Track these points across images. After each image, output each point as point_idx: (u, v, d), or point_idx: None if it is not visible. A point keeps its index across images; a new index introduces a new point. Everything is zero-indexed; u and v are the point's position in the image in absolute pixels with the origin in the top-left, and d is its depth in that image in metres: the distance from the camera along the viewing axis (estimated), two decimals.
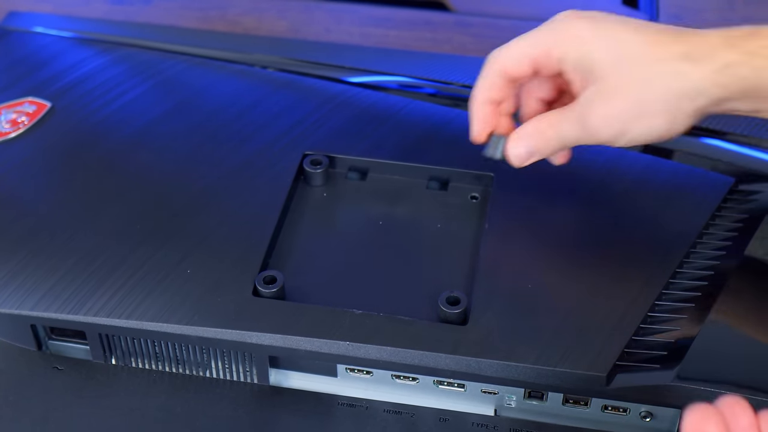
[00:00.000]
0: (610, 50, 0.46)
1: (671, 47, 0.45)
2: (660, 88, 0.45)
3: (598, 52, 0.46)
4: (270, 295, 0.49)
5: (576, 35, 0.47)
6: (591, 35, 0.46)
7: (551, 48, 0.47)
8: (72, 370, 0.50)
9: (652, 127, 0.46)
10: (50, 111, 0.62)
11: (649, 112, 0.45)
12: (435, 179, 0.56)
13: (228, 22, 0.81)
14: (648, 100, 0.45)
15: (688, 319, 0.48)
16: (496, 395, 0.49)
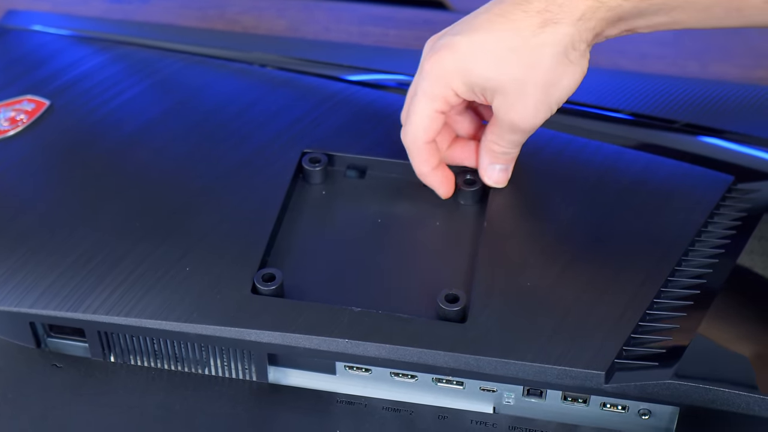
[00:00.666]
0: (487, 63, 0.49)
1: (530, 23, 0.48)
2: (544, 61, 0.48)
3: (478, 73, 0.49)
4: (269, 293, 0.49)
5: (447, 73, 0.50)
6: (458, 66, 0.50)
7: (443, 97, 0.51)
8: (71, 368, 0.50)
9: (567, 86, 0.49)
10: (49, 109, 0.62)
11: (553, 81, 0.49)
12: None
13: (227, 20, 0.81)
14: (543, 78, 0.48)
15: (686, 318, 0.48)
16: (494, 393, 0.49)
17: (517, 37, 0.48)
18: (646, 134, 0.61)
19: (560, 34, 0.47)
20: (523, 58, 0.48)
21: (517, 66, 0.48)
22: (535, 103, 0.49)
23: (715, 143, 0.61)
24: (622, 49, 0.77)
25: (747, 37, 0.79)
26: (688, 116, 0.63)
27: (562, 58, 0.48)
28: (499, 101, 0.50)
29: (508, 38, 0.48)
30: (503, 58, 0.48)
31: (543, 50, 0.48)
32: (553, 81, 0.49)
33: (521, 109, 0.50)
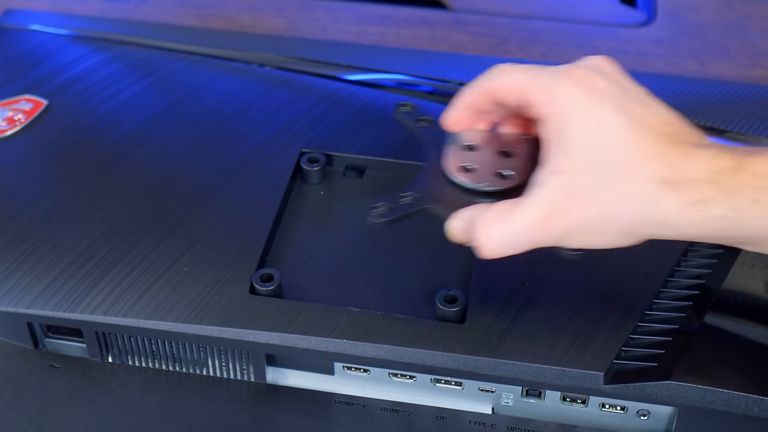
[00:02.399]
0: (592, 144, 0.42)
1: (655, 165, 0.41)
2: (629, 209, 0.42)
3: (579, 140, 0.42)
4: (267, 293, 0.49)
5: (566, 108, 0.43)
6: (581, 114, 0.42)
7: (539, 105, 0.44)
8: (68, 368, 0.50)
9: (600, 242, 0.43)
10: (47, 109, 0.61)
11: (609, 230, 0.42)
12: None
13: (224, 19, 0.81)
14: (613, 218, 0.42)
15: (685, 318, 0.48)
16: (493, 393, 0.49)
17: (634, 160, 0.41)
18: None
19: (669, 207, 0.41)
20: (619, 182, 0.41)
21: (610, 181, 0.42)
22: (576, 225, 0.42)
23: (714, 141, 0.61)
24: (621, 48, 0.77)
25: (746, 36, 0.78)
26: (687, 115, 0.62)
27: (637, 225, 0.42)
28: (557, 184, 0.42)
29: (630, 151, 0.41)
30: (607, 159, 0.42)
31: (635, 197, 0.41)
32: (607, 231, 0.42)
33: (568, 214, 0.42)
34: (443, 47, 0.77)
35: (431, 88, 0.65)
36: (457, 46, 0.76)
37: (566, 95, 0.43)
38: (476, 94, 0.47)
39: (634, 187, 0.41)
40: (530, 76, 0.44)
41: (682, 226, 0.41)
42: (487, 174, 0.47)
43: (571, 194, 0.42)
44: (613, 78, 0.44)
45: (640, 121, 0.42)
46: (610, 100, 0.42)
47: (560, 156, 0.42)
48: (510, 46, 0.77)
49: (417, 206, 0.46)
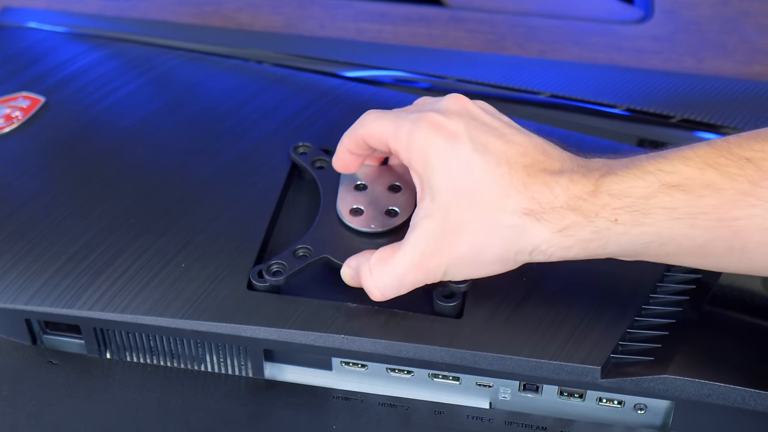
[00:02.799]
0: (454, 187, 0.44)
1: (517, 198, 0.43)
2: (499, 242, 0.44)
3: (442, 184, 0.44)
4: (264, 289, 0.49)
5: (424, 155, 0.45)
6: (438, 160, 0.44)
7: (401, 153, 0.46)
8: (67, 365, 0.50)
9: (480, 272, 0.45)
10: (44, 106, 0.62)
11: (484, 261, 0.45)
12: None
13: (222, 17, 0.81)
14: (485, 252, 0.44)
15: (682, 312, 0.48)
16: (491, 388, 0.49)
17: (497, 196, 0.43)
18: (642, 129, 0.61)
19: (537, 236, 0.43)
20: (487, 218, 0.44)
21: (478, 218, 0.44)
22: (451, 261, 0.45)
23: (711, 138, 0.61)
24: (619, 45, 0.77)
25: (743, 32, 0.79)
26: (684, 111, 0.63)
27: (510, 254, 0.44)
28: (428, 225, 0.45)
29: (492, 188, 0.43)
30: (473, 198, 0.44)
31: (503, 231, 0.44)
32: (482, 262, 0.45)
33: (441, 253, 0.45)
34: (441, 44, 0.77)
35: (429, 85, 0.65)
36: (455, 43, 0.76)
37: (423, 143, 0.45)
38: (352, 142, 0.50)
39: (501, 221, 0.43)
40: (392, 125, 0.47)
41: (555, 252, 0.44)
42: (375, 214, 0.51)
43: (443, 234, 0.44)
44: (470, 117, 0.46)
45: (498, 158, 0.44)
46: (467, 141, 0.44)
47: (428, 200, 0.45)
48: (507, 43, 0.77)
49: (312, 258, 0.49)
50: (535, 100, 0.63)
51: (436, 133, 0.45)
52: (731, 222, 0.41)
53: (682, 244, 0.42)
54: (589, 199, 0.42)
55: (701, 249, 0.42)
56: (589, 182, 0.43)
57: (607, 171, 0.43)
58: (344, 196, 0.52)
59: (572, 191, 0.43)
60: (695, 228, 0.41)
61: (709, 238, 0.41)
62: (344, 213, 0.51)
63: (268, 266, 0.49)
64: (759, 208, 0.40)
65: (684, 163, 0.42)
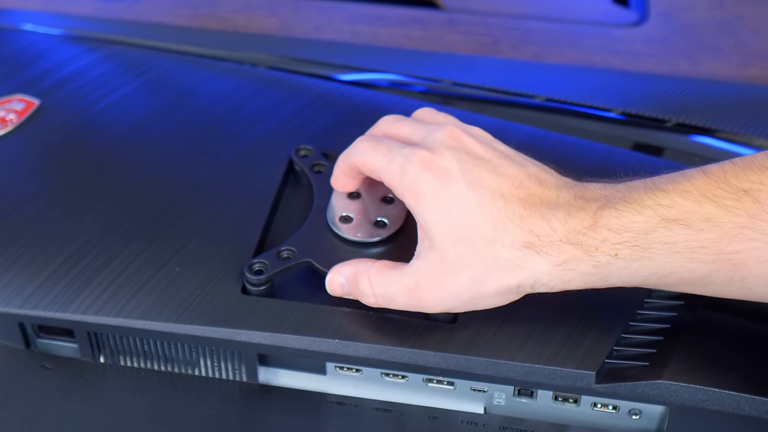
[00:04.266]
0: (450, 224, 0.44)
1: (514, 232, 0.43)
2: (500, 275, 0.43)
3: (437, 221, 0.44)
4: (259, 293, 0.49)
5: (416, 193, 0.45)
6: (431, 199, 0.44)
7: (394, 187, 0.46)
8: (60, 369, 0.50)
9: (483, 305, 0.45)
10: (39, 109, 0.61)
11: (484, 295, 0.44)
12: None
13: (218, 19, 0.81)
14: (485, 287, 0.44)
15: (677, 317, 0.48)
16: (485, 393, 0.49)
17: (495, 230, 0.43)
18: (637, 133, 0.61)
19: (537, 269, 0.43)
20: (485, 253, 0.43)
21: (475, 253, 0.43)
22: (451, 297, 0.44)
23: (707, 142, 0.61)
24: (614, 48, 0.77)
25: (738, 35, 0.79)
26: (679, 116, 0.63)
27: (512, 287, 0.44)
28: (427, 261, 0.45)
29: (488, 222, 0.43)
30: (468, 234, 0.43)
31: (503, 263, 0.43)
32: (482, 297, 0.44)
33: (439, 288, 0.44)
34: (436, 47, 0.77)
35: (424, 88, 0.65)
36: (450, 46, 0.76)
37: (415, 181, 0.45)
38: (347, 167, 0.50)
39: (500, 254, 0.43)
40: (384, 159, 0.47)
41: (557, 284, 0.44)
42: (364, 223, 0.51)
43: (442, 269, 0.44)
44: (463, 152, 0.45)
45: (493, 192, 0.44)
46: (460, 178, 0.44)
47: (425, 234, 0.45)
48: (502, 46, 0.77)
49: (295, 261, 0.49)
50: (530, 103, 0.63)
51: (428, 171, 0.44)
52: (731, 255, 0.41)
53: (683, 276, 0.42)
54: (588, 234, 0.42)
55: (701, 280, 0.42)
56: (587, 215, 0.43)
57: (605, 203, 0.43)
58: (336, 203, 0.52)
59: (570, 225, 0.43)
60: (695, 261, 0.41)
61: (709, 271, 0.42)
62: (333, 219, 0.51)
63: (250, 265, 0.49)
64: (758, 242, 0.40)
65: (682, 197, 0.41)
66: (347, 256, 0.49)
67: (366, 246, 0.50)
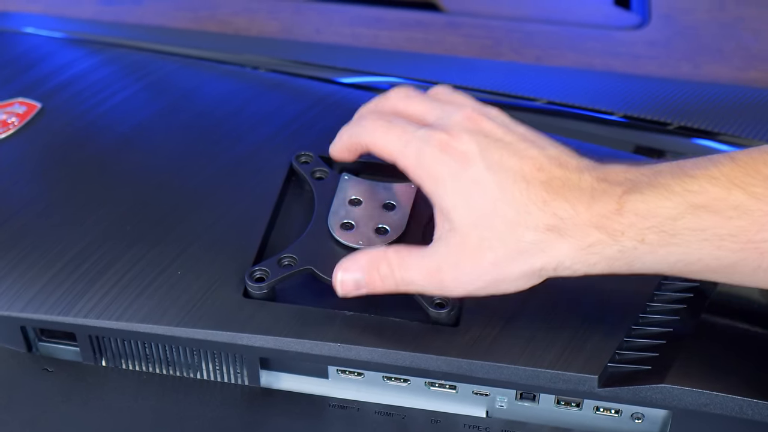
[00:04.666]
0: (471, 207, 0.43)
1: (537, 215, 0.42)
2: (523, 258, 0.43)
3: (457, 205, 0.43)
4: (260, 298, 0.49)
5: (435, 178, 0.44)
6: (450, 183, 0.43)
7: (410, 172, 0.45)
8: (62, 372, 0.50)
9: (504, 289, 0.44)
10: (40, 112, 0.61)
11: (507, 279, 0.44)
12: None
13: (219, 22, 0.81)
14: (507, 270, 0.43)
15: (679, 322, 0.48)
16: (487, 397, 0.49)
17: (517, 213, 0.42)
18: (638, 136, 0.61)
19: (560, 251, 0.42)
20: (507, 236, 0.42)
21: (498, 236, 0.43)
22: (473, 280, 0.44)
23: (709, 145, 0.61)
24: (615, 51, 0.77)
25: (740, 38, 0.79)
26: (681, 119, 0.63)
27: (534, 270, 0.43)
28: (447, 244, 0.44)
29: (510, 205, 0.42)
30: (490, 218, 0.43)
31: (526, 247, 0.42)
32: (504, 280, 0.44)
33: (460, 271, 0.44)
34: (437, 50, 0.77)
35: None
36: (451, 49, 0.76)
37: (433, 164, 0.44)
38: (352, 144, 0.49)
39: (523, 236, 0.42)
40: (399, 142, 0.45)
41: (581, 268, 0.43)
42: (365, 230, 0.50)
43: (463, 252, 0.43)
44: (481, 135, 0.44)
45: (515, 174, 0.43)
46: (480, 161, 0.43)
47: (444, 219, 0.44)
48: (504, 48, 0.77)
49: (296, 268, 0.49)
50: (532, 106, 0.63)
51: (446, 154, 0.44)
52: (759, 244, 0.40)
53: (709, 264, 0.42)
54: (613, 218, 0.42)
55: (727, 269, 0.42)
56: (612, 200, 0.42)
57: (631, 188, 0.42)
58: (337, 210, 0.52)
59: (595, 209, 0.42)
60: (722, 249, 0.41)
61: (736, 260, 0.41)
62: (334, 227, 0.51)
63: (251, 272, 0.48)
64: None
65: (711, 183, 0.41)
66: None
67: None
